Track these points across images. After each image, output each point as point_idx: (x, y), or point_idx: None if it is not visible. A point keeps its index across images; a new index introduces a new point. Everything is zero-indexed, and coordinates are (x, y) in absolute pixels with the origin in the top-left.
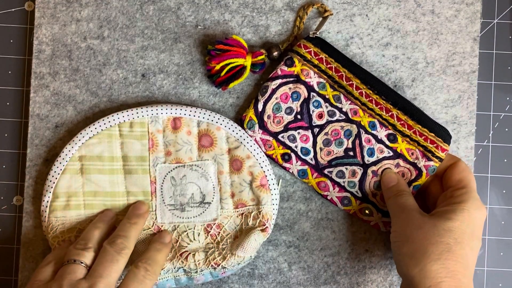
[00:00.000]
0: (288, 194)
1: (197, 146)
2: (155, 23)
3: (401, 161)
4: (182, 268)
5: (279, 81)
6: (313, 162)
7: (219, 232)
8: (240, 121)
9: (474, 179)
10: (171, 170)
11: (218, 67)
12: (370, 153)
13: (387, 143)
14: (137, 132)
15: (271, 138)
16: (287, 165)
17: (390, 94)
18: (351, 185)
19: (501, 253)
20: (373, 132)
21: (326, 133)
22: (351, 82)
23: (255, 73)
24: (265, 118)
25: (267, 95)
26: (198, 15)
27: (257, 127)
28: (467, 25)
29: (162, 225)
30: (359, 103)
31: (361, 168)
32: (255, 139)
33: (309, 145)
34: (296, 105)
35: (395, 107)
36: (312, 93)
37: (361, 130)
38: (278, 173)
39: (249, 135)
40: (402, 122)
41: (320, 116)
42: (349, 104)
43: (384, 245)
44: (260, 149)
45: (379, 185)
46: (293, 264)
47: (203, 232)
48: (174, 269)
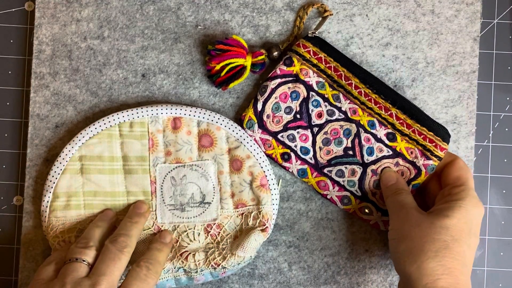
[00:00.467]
0: (288, 194)
1: (197, 146)
2: (155, 23)
3: (400, 160)
4: (182, 268)
5: (278, 80)
6: (312, 162)
7: (219, 232)
8: (240, 120)
9: (472, 177)
10: (171, 170)
11: (218, 67)
12: (369, 152)
13: (386, 142)
14: (137, 132)
15: (270, 138)
16: (286, 164)
17: (389, 93)
18: (351, 184)
19: (501, 253)
20: (372, 131)
21: (326, 132)
22: (350, 81)
23: (255, 73)
24: (265, 118)
25: (266, 94)
26: (198, 15)
27: (256, 126)
28: (467, 25)
29: (162, 225)
30: (358, 102)
31: (360, 167)
32: (255, 138)
33: (308, 144)
34: (295, 105)
35: (394, 106)
36: (311, 92)
37: (361, 129)
38: (278, 173)
39: (248, 134)
40: (401, 121)
41: (320, 116)
42: (348, 103)
43: (384, 245)
44: (260, 148)
45: (378, 184)
46: (293, 264)
47: (203, 232)
48: (174, 269)
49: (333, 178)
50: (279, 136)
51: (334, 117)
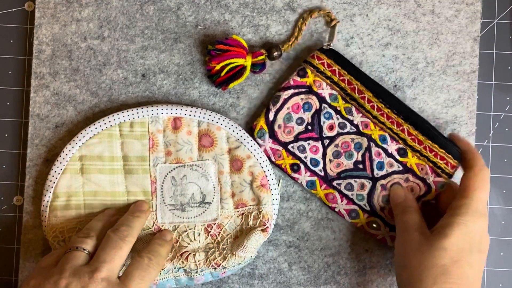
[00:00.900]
0: (288, 194)
1: (197, 146)
2: (155, 23)
3: (410, 176)
4: (183, 268)
5: (291, 91)
6: (322, 174)
7: (219, 232)
8: (251, 129)
9: (483, 187)
10: (172, 170)
11: (218, 67)
12: (379, 166)
13: (397, 157)
14: (137, 132)
15: (280, 148)
16: (296, 175)
17: (401, 109)
18: (360, 198)
19: (501, 253)
20: (383, 145)
21: (336, 145)
22: (363, 95)
23: (255, 73)
24: (276, 128)
25: (278, 104)
26: (198, 15)
27: (267, 136)
28: (467, 25)
29: (163, 225)
30: (370, 116)
31: (370, 182)
32: (265, 148)
33: (318, 156)
34: (307, 116)
35: (406, 121)
36: (323, 104)
37: (372, 143)
38: (278, 173)
39: (259, 144)
40: (413, 137)
41: (331, 128)
42: (361, 117)
43: (384, 245)
44: (261, 150)
45: (387, 199)
46: (293, 264)
47: (203, 232)
48: (175, 269)
49: (342, 191)
50: (289, 147)
51: (345, 130)
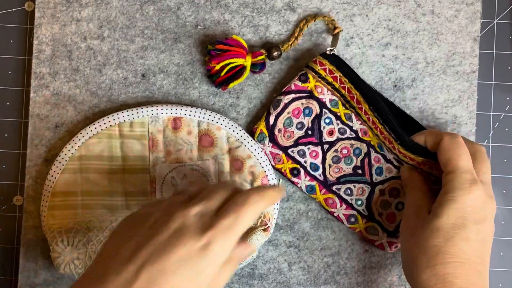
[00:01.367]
0: (288, 194)
1: (197, 146)
2: (155, 23)
3: None
4: None
5: (292, 95)
6: (321, 178)
7: None
8: (251, 133)
9: (464, 154)
10: (171, 170)
11: (218, 67)
12: (378, 172)
13: (396, 163)
14: (137, 132)
15: (280, 152)
16: (295, 180)
17: (394, 127)
18: (359, 203)
19: (501, 253)
20: (382, 152)
21: (336, 150)
22: (360, 106)
23: (255, 73)
24: (276, 132)
25: (279, 109)
26: (198, 15)
27: (267, 140)
28: (467, 25)
29: None
30: (367, 126)
31: (368, 186)
32: (265, 152)
33: (318, 161)
34: (307, 121)
35: (396, 141)
36: (324, 109)
37: (371, 150)
38: (278, 173)
39: (262, 149)
40: (404, 154)
41: (331, 133)
42: (360, 124)
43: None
44: (262, 150)
45: (385, 204)
46: (293, 264)
47: None
48: None
49: (341, 196)
50: (289, 151)
51: (345, 136)
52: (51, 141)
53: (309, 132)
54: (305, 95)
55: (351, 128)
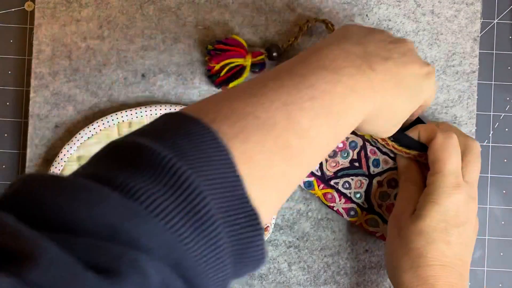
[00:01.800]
0: None
1: None
2: (155, 23)
3: None
4: None
5: None
6: (319, 174)
7: None
8: None
9: (453, 156)
10: None
11: (218, 66)
12: (375, 164)
13: (391, 155)
14: None
15: None
16: None
17: None
18: (358, 196)
19: (501, 253)
20: (377, 145)
21: None
22: None
23: (255, 73)
24: None
25: None
26: (198, 15)
27: None
28: (467, 25)
29: None
30: None
31: (366, 179)
32: None
33: None
34: None
35: (389, 138)
36: None
37: (367, 143)
38: None
39: None
40: (398, 150)
41: None
42: None
43: (384, 245)
44: None
45: (384, 196)
46: (293, 264)
47: None
48: None
49: (339, 190)
50: None
51: None
52: (51, 141)
53: None
54: None
55: None
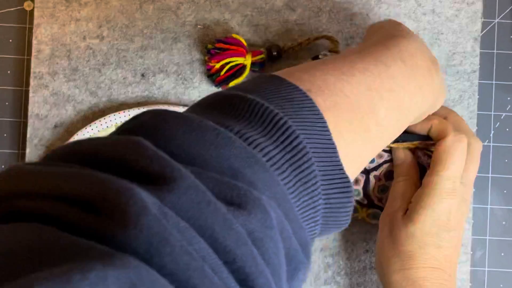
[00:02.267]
0: None
1: None
2: (154, 22)
3: None
4: None
5: None
6: None
7: None
8: None
9: (457, 162)
10: None
11: (217, 66)
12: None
13: (385, 148)
14: None
15: None
16: None
17: None
18: (356, 193)
19: (502, 254)
20: None
21: None
22: None
23: (255, 72)
24: None
25: None
26: (198, 15)
27: None
28: (468, 24)
29: None
30: None
31: (363, 175)
32: None
33: None
34: None
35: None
36: None
37: None
38: None
39: None
40: (400, 144)
41: None
42: None
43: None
44: None
45: (383, 189)
46: None
47: None
48: None
49: None
50: None
51: None
52: (50, 141)
53: None
54: None
55: None
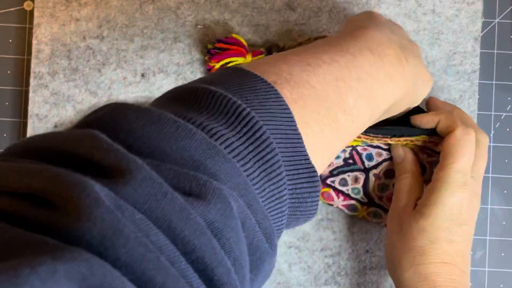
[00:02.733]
0: None
1: None
2: (154, 22)
3: None
4: None
5: None
6: None
7: None
8: None
9: (467, 155)
10: None
11: (217, 65)
12: (369, 158)
13: (384, 147)
14: None
15: None
16: None
17: (384, 132)
18: (355, 191)
19: (502, 254)
20: (366, 147)
21: None
22: None
23: None
24: None
25: None
26: (198, 15)
27: None
28: (468, 24)
29: None
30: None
31: (363, 173)
32: None
33: None
34: None
35: (387, 136)
36: None
37: (357, 147)
38: None
39: None
40: (386, 138)
41: None
42: None
43: (384, 245)
44: None
45: (383, 187)
46: (293, 265)
47: None
48: None
49: (336, 188)
50: None
51: None
52: None
53: None
54: None
55: None
